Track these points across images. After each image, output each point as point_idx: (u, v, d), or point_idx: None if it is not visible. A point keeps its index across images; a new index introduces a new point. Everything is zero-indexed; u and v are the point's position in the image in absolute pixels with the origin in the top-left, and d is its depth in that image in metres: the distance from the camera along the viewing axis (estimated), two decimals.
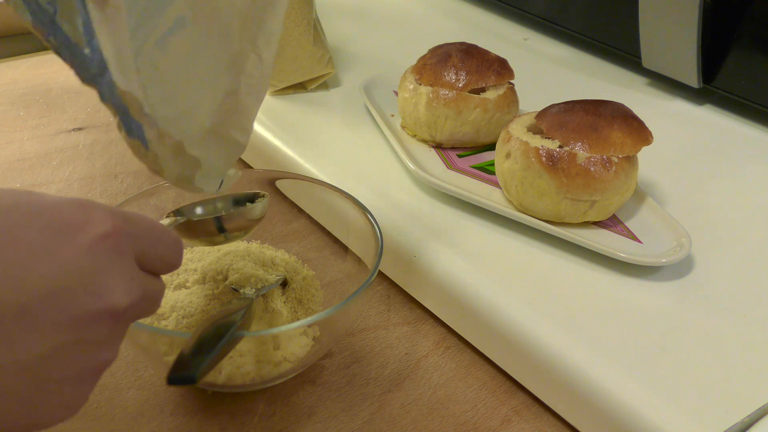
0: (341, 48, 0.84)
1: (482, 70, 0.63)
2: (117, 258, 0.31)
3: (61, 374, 0.29)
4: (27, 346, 0.28)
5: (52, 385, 0.29)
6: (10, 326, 0.27)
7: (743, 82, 0.71)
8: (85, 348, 0.30)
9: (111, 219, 0.31)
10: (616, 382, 0.43)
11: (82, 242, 0.30)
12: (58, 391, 0.30)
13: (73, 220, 0.30)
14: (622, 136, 0.53)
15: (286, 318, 0.49)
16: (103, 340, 0.31)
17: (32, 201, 0.30)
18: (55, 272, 0.28)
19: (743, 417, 0.41)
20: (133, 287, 0.32)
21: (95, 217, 0.31)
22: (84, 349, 0.30)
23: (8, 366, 0.28)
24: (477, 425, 0.46)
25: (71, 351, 0.29)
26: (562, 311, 0.48)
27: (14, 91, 0.84)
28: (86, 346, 0.30)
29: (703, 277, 0.51)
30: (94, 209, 0.31)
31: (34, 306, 0.28)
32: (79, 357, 0.30)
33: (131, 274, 0.32)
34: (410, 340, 0.52)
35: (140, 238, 0.33)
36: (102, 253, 0.30)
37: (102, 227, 0.30)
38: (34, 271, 0.28)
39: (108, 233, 0.30)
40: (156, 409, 0.46)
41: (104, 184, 0.68)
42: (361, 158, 0.64)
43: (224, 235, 0.47)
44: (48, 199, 0.30)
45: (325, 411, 0.46)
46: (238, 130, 0.42)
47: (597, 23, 0.84)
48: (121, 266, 0.31)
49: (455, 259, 0.52)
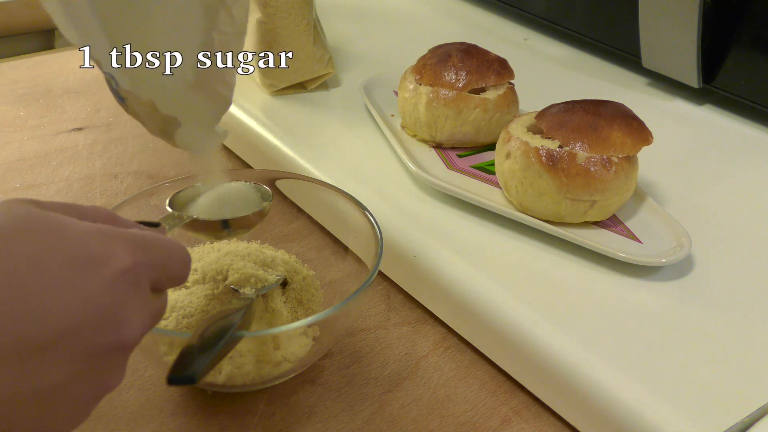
0: (341, 48, 0.84)
1: (482, 70, 0.63)
2: (135, 292, 0.32)
3: (72, 399, 0.31)
4: (44, 377, 0.29)
5: (63, 408, 0.30)
6: (30, 360, 0.28)
7: (743, 82, 0.71)
8: (97, 376, 0.31)
9: (132, 253, 0.32)
10: (616, 382, 0.43)
11: (104, 276, 0.30)
12: (67, 413, 0.31)
13: (97, 254, 0.30)
14: (622, 136, 0.53)
15: (286, 318, 0.49)
16: (115, 368, 0.32)
17: (61, 228, 0.30)
18: (77, 308, 0.29)
19: (743, 417, 0.41)
20: (146, 318, 0.33)
21: (117, 251, 0.31)
22: (96, 377, 0.31)
23: (25, 394, 0.29)
24: (477, 425, 0.46)
25: (84, 379, 0.31)
26: (562, 311, 0.48)
27: (14, 91, 0.84)
28: (98, 374, 0.31)
29: (703, 277, 0.51)
30: (116, 242, 0.32)
31: (55, 341, 0.29)
32: (91, 384, 0.31)
33: (146, 305, 0.33)
34: (410, 340, 0.52)
35: (156, 266, 0.34)
36: (122, 288, 0.31)
37: (123, 263, 0.31)
38: (57, 306, 0.29)
39: (129, 268, 0.31)
40: (156, 409, 0.46)
41: (104, 184, 0.68)
42: (361, 158, 0.64)
43: (228, 231, 0.47)
44: (77, 228, 0.31)
45: (325, 411, 0.46)
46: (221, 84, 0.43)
47: (597, 23, 0.84)
48: (139, 300, 0.32)
49: (455, 259, 0.52)
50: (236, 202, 0.48)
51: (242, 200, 0.48)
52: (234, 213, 0.47)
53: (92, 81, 0.86)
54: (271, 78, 0.72)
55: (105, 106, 0.81)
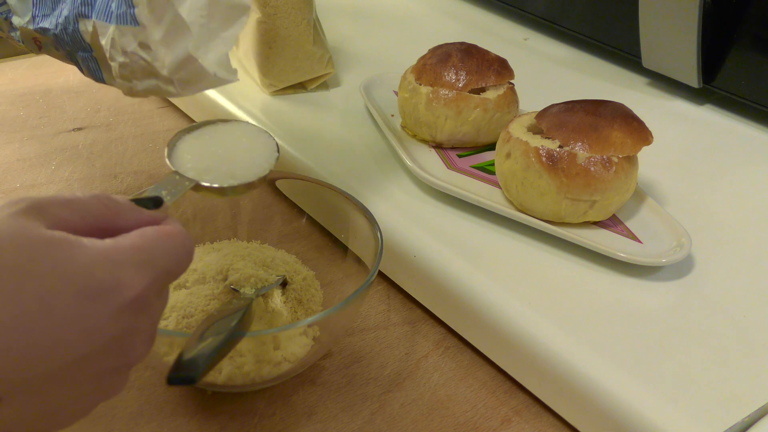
0: (341, 48, 0.84)
1: (482, 70, 0.63)
2: (143, 317, 0.32)
3: (74, 410, 0.31)
4: (49, 398, 0.30)
5: (64, 418, 0.31)
6: (38, 386, 0.29)
7: (743, 82, 0.71)
8: (100, 391, 0.32)
9: (140, 280, 0.31)
10: (616, 382, 0.43)
11: (113, 306, 0.30)
12: (66, 419, 0.32)
13: (104, 285, 0.30)
14: (622, 136, 0.53)
15: (286, 318, 0.49)
16: (119, 384, 0.33)
17: (67, 259, 0.30)
18: (85, 341, 0.30)
19: (743, 417, 0.41)
20: (152, 339, 0.33)
21: (125, 280, 0.31)
22: (99, 392, 0.32)
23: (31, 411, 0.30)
24: (477, 425, 0.46)
25: (88, 394, 0.31)
26: (562, 311, 0.48)
27: (14, 91, 0.84)
28: (102, 389, 0.32)
29: (703, 277, 0.51)
30: (124, 268, 0.31)
31: (63, 370, 0.29)
32: (94, 397, 0.32)
33: (153, 328, 0.33)
34: (410, 340, 0.52)
35: (162, 275, 0.33)
36: (130, 317, 0.31)
37: (131, 292, 0.31)
38: (66, 339, 0.29)
39: (137, 296, 0.31)
40: (156, 409, 0.46)
41: (104, 184, 0.68)
42: (361, 158, 0.64)
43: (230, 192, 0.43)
44: (84, 256, 0.30)
45: (325, 411, 0.46)
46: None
47: (597, 23, 0.84)
48: (147, 324, 0.33)
49: (455, 259, 0.52)
50: (239, 156, 0.44)
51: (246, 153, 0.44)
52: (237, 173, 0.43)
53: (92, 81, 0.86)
54: (271, 78, 0.72)
55: (105, 106, 0.81)
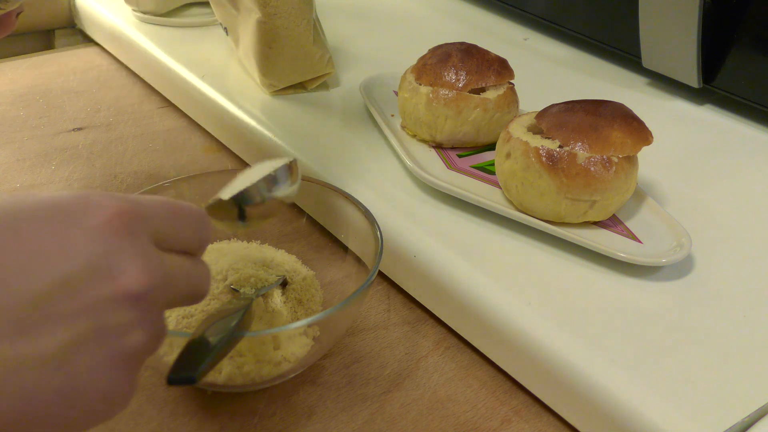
0: (341, 48, 0.84)
1: (482, 70, 0.63)
2: (128, 238, 0.30)
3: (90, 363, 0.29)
4: (48, 338, 0.28)
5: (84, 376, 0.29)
6: (26, 318, 0.27)
7: (743, 82, 0.71)
8: (107, 333, 0.29)
9: (114, 202, 0.31)
10: (616, 382, 0.43)
11: (88, 226, 0.29)
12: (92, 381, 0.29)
13: (76, 208, 0.30)
14: (622, 136, 0.53)
15: (286, 318, 0.49)
16: (127, 323, 0.30)
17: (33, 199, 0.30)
18: (64, 259, 0.28)
19: (743, 417, 0.41)
20: (150, 267, 0.31)
21: (96, 201, 0.30)
22: (107, 335, 0.29)
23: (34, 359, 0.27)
24: (477, 425, 0.46)
25: (94, 338, 0.29)
26: (562, 311, 0.48)
27: (14, 91, 0.84)
28: (109, 331, 0.29)
29: (703, 277, 0.51)
30: (93, 195, 0.30)
31: (48, 295, 0.28)
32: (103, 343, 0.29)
33: (145, 253, 0.31)
34: (410, 340, 0.52)
35: (153, 217, 0.32)
36: (110, 235, 0.30)
37: (106, 211, 0.30)
38: (43, 261, 0.28)
39: (113, 215, 0.30)
40: (156, 409, 0.46)
41: (104, 184, 0.68)
42: (361, 158, 0.64)
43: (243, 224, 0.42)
44: (46, 195, 0.30)
45: (325, 411, 0.46)
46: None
47: (597, 23, 0.84)
48: (133, 246, 0.30)
49: (455, 259, 0.52)
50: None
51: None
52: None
53: (92, 81, 0.86)
54: (271, 78, 0.72)
55: (105, 106, 0.81)
